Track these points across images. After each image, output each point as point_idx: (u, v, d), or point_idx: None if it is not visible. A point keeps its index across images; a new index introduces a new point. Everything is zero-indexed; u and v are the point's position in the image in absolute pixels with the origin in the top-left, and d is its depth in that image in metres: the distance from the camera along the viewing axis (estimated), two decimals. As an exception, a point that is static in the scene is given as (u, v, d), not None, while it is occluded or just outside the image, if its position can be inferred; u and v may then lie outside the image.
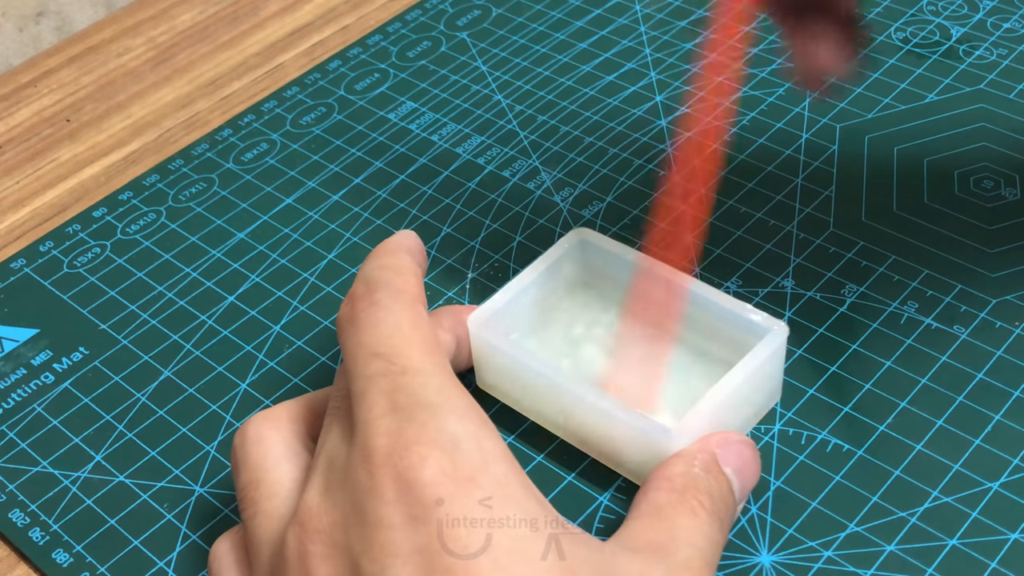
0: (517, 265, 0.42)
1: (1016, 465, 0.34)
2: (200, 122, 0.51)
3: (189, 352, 0.41)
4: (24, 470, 0.38)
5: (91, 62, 0.55)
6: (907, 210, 0.42)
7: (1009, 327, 0.38)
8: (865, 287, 0.39)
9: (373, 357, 0.30)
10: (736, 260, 0.41)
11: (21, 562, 0.36)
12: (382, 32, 0.54)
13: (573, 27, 0.53)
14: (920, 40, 0.49)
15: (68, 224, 0.47)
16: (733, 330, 0.35)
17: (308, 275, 0.43)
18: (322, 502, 0.29)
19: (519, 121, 0.48)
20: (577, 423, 0.35)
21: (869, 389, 0.37)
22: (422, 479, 0.27)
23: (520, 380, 0.36)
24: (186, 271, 0.44)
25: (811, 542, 0.33)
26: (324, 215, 0.45)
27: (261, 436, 0.32)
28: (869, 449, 0.35)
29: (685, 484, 0.31)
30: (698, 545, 0.30)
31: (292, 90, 0.52)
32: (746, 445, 0.33)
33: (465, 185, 0.46)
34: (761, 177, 0.44)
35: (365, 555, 0.27)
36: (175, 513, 0.36)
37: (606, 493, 0.35)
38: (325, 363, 0.40)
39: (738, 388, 0.34)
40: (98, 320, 0.43)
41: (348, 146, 0.48)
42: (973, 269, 0.39)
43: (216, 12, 0.57)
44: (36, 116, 0.53)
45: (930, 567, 0.32)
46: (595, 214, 0.44)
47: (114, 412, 0.40)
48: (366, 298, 0.31)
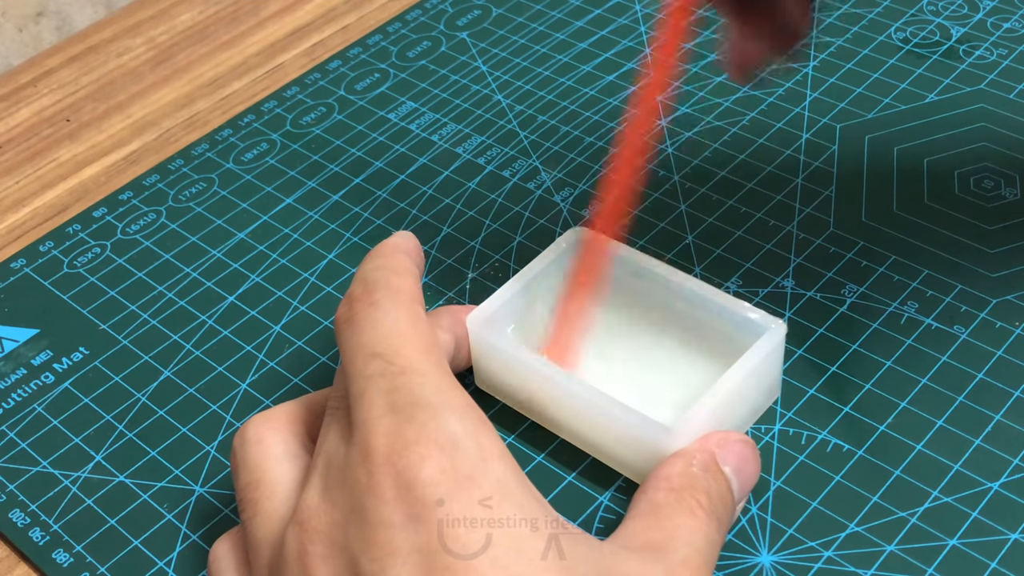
0: (517, 265, 0.42)
1: (1016, 465, 0.34)
2: (200, 122, 0.51)
3: (189, 352, 0.41)
4: (24, 470, 0.38)
5: (91, 62, 0.55)
6: (907, 210, 0.42)
7: (1009, 327, 0.38)
8: (865, 287, 0.39)
9: (371, 357, 0.30)
10: (736, 260, 0.41)
11: (21, 562, 0.36)
12: (382, 32, 0.54)
13: (573, 27, 0.53)
14: (920, 40, 0.49)
15: (68, 224, 0.47)
16: (731, 328, 0.35)
17: (308, 275, 0.43)
18: (321, 502, 0.29)
19: (519, 121, 0.48)
20: (576, 422, 0.35)
21: (869, 389, 0.37)
22: (421, 478, 0.27)
23: (519, 379, 0.36)
24: (186, 271, 0.44)
25: (811, 542, 0.33)
26: (324, 215, 0.45)
27: (260, 437, 0.32)
28: (869, 449, 0.35)
29: (683, 483, 0.31)
30: (696, 544, 0.30)
31: (292, 90, 0.52)
32: (745, 444, 0.33)
33: (465, 185, 0.46)
34: (761, 177, 0.44)
35: (364, 555, 0.27)
36: (175, 513, 0.36)
37: (606, 493, 0.35)
38: (325, 363, 0.40)
39: (737, 386, 0.34)
40: (98, 320, 0.43)
41: (348, 146, 0.48)
42: (973, 269, 0.39)
43: (216, 12, 0.57)
44: (36, 116, 0.53)
45: (930, 567, 0.32)
46: (593, 214, 0.43)
47: (114, 412, 0.40)
48: (364, 299, 0.31)
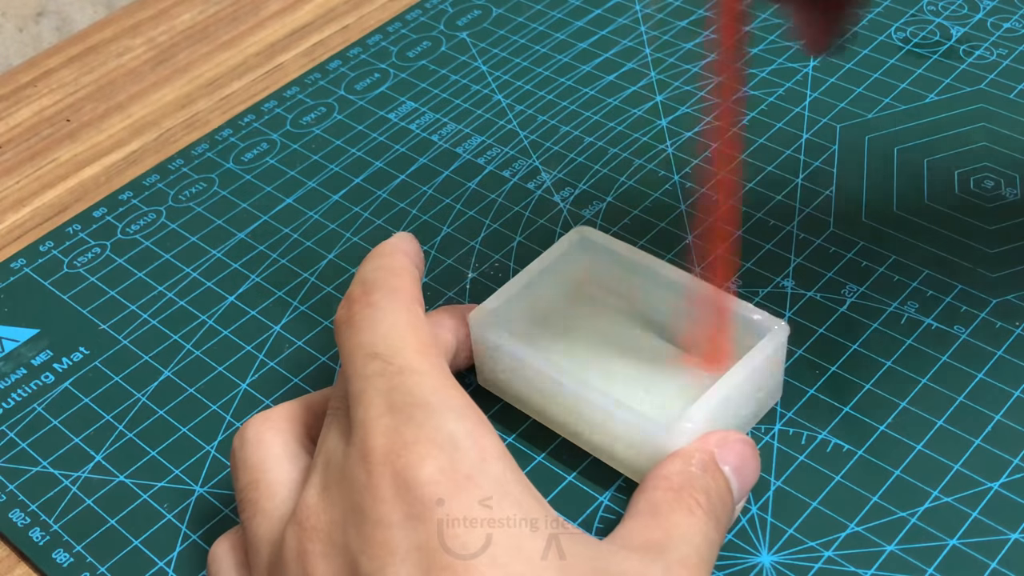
0: (517, 265, 0.42)
1: (1016, 465, 0.34)
2: (200, 122, 0.51)
3: (189, 352, 0.41)
4: (24, 470, 0.38)
5: (91, 62, 0.55)
6: (907, 210, 0.42)
7: (1009, 327, 0.38)
8: (865, 287, 0.39)
9: (370, 357, 0.30)
10: (736, 260, 0.41)
11: (21, 562, 0.36)
12: (382, 32, 0.54)
13: (573, 27, 0.53)
14: (920, 40, 0.49)
15: (68, 224, 0.47)
16: (733, 329, 0.35)
17: (308, 275, 0.43)
18: (320, 501, 0.29)
19: (519, 121, 0.48)
20: (577, 421, 0.35)
21: (869, 389, 0.37)
22: (420, 478, 0.27)
23: (520, 378, 0.36)
24: (186, 271, 0.44)
25: (811, 542, 0.33)
26: (324, 215, 0.45)
27: (260, 437, 0.32)
28: (869, 449, 0.35)
29: (682, 483, 0.31)
30: (695, 543, 0.30)
31: (292, 90, 0.52)
32: (745, 444, 0.33)
33: (465, 185, 0.46)
34: (761, 177, 0.44)
35: (363, 553, 0.27)
36: (175, 513, 0.36)
37: (606, 493, 0.35)
38: (325, 363, 0.40)
39: (738, 387, 0.34)
40: (98, 320, 0.43)
41: (348, 146, 0.48)
42: (973, 269, 0.39)
43: (216, 12, 0.57)
44: (36, 116, 0.53)
45: (930, 567, 0.32)
46: (595, 214, 0.44)
47: (114, 412, 0.40)
48: (363, 299, 0.31)
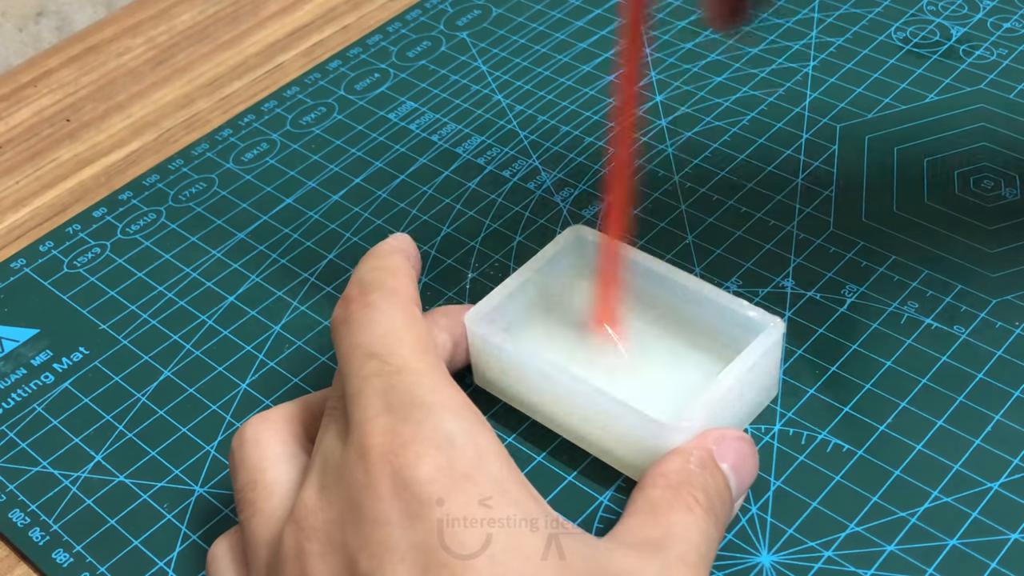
0: (517, 265, 0.42)
1: (1016, 465, 0.34)
2: (200, 122, 0.51)
3: (189, 352, 0.41)
4: (24, 470, 0.38)
5: (91, 62, 0.55)
6: (907, 210, 0.42)
7: (1009, 327, 0.38)
8: (865, 287, 0.39)
9: (368, 357, 0.30)
10: (736, 260, 0.41)
11: (21, 562, 0.36)
12: (382, 32, 0.54)
13: (573, 27, 0.53)
14: (920, 40, 0.49)
15: (68, 224, 0.47)
16: (730, 326, 0.35)
17: (308, 275, 0.43)
18: (318, 500, 0.29)
19: (519, 121, 0.48)
20: (575, 419, 0.35)
21: (869, 389, 0.37)
22: (418, 477, 0.27)
23: (517, 377, 0.36)
24: (186, 271, 0.44)
25: (811, 542, 0.33)
26: (324, 215, 0.45)
27: (258, 437, 0.32)
28: (869, 449, 0.35)
29: (680, 480, 0.31)
30: (693, 541, 0.30)
31: (292, 90, 0.52)
32: (743, 441, 0.33)
33: (465, 185, 0.46)
34: (761, 177, 0.44)
35: (362, 552, 0.27)
36: (175, 513, 0.36)
37: (606, 493, 0.35)
38: (325, 363, 0.40)
39: (735, 384, 0.34)
40: (98, 320, 0.43)
41: (348, 146, 0.48)
42: (973, 269, 0.39)
43: (216, 12, 0.57)
44: (36, 116, 0.53)
45: (930, 567, 0.32)
46: (595, 214, 0.44)
47: (114, 412, 0.40)
48: (360, 299, 0.31)
